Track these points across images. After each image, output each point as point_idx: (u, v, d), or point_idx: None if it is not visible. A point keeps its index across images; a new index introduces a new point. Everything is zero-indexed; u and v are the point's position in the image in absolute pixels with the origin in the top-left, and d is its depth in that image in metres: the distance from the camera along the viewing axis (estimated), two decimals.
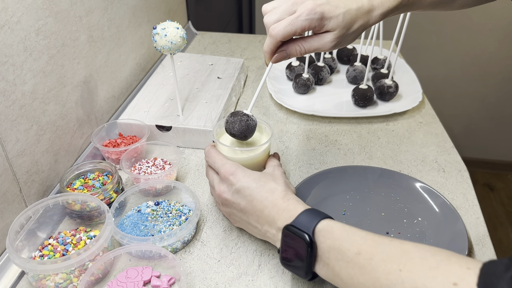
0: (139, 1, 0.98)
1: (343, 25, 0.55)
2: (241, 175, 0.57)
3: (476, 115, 2.21)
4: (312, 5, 0.54)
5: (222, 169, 0.59)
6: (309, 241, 0.49)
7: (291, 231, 0.50)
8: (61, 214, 0.66)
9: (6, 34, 0.58)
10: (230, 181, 0.58)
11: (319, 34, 0.56)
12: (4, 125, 0.59)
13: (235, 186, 0.57)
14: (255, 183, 0.57)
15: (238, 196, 0.57)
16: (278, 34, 0.55)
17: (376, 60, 1.04)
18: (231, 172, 0.58)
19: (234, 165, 0.59)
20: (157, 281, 0.57)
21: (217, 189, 0.60)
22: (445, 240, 0.61)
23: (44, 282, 0.56)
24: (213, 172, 0.62)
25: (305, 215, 0.51)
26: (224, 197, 0.59)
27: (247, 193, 0.56)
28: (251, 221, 0.57)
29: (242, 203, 0.57)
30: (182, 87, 0.92)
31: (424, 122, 0.91)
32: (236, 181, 0.57)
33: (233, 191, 0.57)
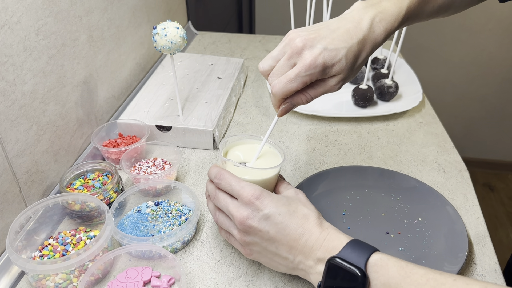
0: (139, 1, 0.98)
1: (347, 67, 0.52)
2: (269, 199, 0.51)
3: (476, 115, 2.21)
4: (311, 58, 0.50)
5: (244, 192, 0.52)
6: (362, 277, 0.44)
7: (338, 265, 0.46)
8: (61, 214, 0.66)
9: (6, 34, 0.58)
10: (256, 205, 0.51)
11: (324, 80, 0.53)
12: (4, 125, 0.59)
13: (263, 212, 0.50)
14: (285, 208, 0.51)
15: (267, 223, 0.50)
16: (278, 93, 0.52)
17: (376, 60, 1.04)
18: (256, 195, 0.51)
19: (257, 188, 0.52)
20: (157, 281, 0.57)
21: (238, 215, 0.51)
22: (445, 240, 0.61)
23: (44, 282, 0.56)
24: (226, 196, 0.54)
25: (352, 247, 0.47)
26: (248, 224, 0.51)
27: (279, 220, 0.50)
28: (280, 251, 0.51)
29: (272, 231, 0.50)
30: (182, 87, 0.92)
31: (424, 122, 0.91)
32: (264, 206, 0.51)
33: (261, 217, 0.50)
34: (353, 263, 0.45)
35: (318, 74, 0.51)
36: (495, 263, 0.60)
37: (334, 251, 0.47)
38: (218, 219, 0.56)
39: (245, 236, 0.52)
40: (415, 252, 0.61)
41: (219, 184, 0.54)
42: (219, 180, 0.54)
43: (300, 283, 0.58)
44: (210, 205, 0.57)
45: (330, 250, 0.48)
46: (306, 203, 0.53)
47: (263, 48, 1.23)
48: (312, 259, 0.49)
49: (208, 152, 0.82)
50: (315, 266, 0.49)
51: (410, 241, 0.62)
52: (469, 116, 2.21)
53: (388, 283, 0.44)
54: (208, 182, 0.58)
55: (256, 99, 0.99)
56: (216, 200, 0.55)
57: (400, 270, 0.44)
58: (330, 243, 0.48)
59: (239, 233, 0.53)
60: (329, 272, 0.47)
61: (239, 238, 0.53)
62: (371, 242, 0.63)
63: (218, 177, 0.55)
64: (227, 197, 0.54)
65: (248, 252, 0.54)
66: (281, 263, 0.52)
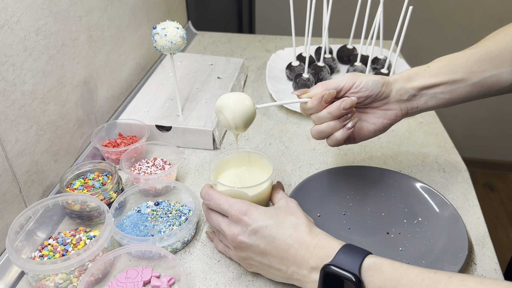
0: (139, 1, 0.98)
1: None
2: (256, 213, 0.52)
3: (476, 115, 2.20)
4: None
5: (232, 210, 0.53)
6: (357, 282, 0.44)
7: (333, 272, 0.46)
8: (61, 214, 0.66)
9: (6, 34, 0.58)
10: (244, 221, 0.52)
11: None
12: (4, 125, 0.59)
13: (252, 226, 0.52)
14: (272, 220, 0.52)
15: (256, 237, 0.52)
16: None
17: (376, 60, 1.04)
18: (243, 211, 0.52)
19: (245, 203, 0.54)
20: (157, 281, 0.57)
21: (229, 232, 0.53)
22: (445, 240, 0.61)
23: (44, 282, 0.56)
24: (217, 215, 0.56)
25: (345, 253, 0.47)
26: (239, 240, 0.53)
27: (267, 233, 0.51)
28: (273, 263, 0.52)
29: (261, 244, 0.51)
30: (182, 87, 0.92)
31: (424, 122, 0.91)
32: (252, 221, 0.52)
33: (250, 232, 0.52)
34: (347, 269, 0.45)
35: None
36: (495, 263, 0.60)
37: (327, 259, 0.48)
38: (219, 237, 0.59)
39: (240, 251, 0.54)
40: (415, 252, 0.61)
41: (209, 204, 0.57)
42: (208, 201, 0.57)
43: None
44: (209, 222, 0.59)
45: (322, 258, 0.48)
46: (296, 212, 0.54)
47: (263, 48, 1.23)
48: (306, 268, 0.49)
49: (208, 152, 0.82)
50: (309, 275, 0.49)
51: (410, 241, 0.62)
52: (469, 116, 2.21)
53: (384, 285, 0.44)
54: (203, 202, 0.59)
55: (256, 99, 0.99)
56: (210, 221, 0.58)
57: (394, 271, 0.45)
58: (321, 250, 0.49)
59: (234, 249, 0.55)
60: (325, 280, 0.47)
61: (235, 254, 0.56)
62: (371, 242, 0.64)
63: (207, 198, 0.57)
64: (219, 216, 0.56)
65: (247, 265, 0.56)
66: (277, 274, 0.53)
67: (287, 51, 1.13)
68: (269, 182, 0.61)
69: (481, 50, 0.62)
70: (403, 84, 0.61)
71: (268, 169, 0.64)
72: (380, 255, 0.60)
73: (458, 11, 1.94)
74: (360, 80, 0.58)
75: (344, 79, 0.59)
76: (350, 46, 1.10)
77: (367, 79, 0.58)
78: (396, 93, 0.60)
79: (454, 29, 1.97)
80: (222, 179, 0.64)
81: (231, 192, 0.59)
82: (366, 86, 0.58)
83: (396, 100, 0.61)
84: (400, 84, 0.60)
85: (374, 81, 0.59)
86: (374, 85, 0.58)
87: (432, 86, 0.61)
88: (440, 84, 0.61)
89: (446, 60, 0.62)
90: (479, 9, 1.91)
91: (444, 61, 0.62)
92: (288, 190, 0.73)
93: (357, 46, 1.12)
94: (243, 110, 0.56)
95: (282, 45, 1.23)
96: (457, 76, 0.61)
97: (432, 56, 0.66)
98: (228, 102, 0.56)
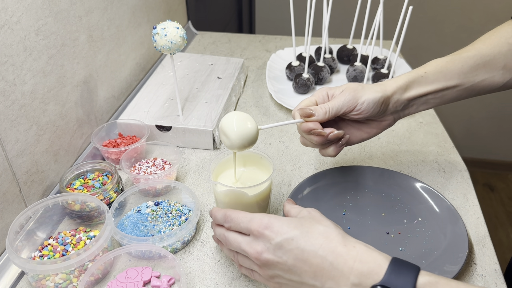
0: (139, 1, 0.98)
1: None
2: (278, 225, 0.47)
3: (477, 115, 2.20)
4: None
5: (252, 226, 0.48)
6: None
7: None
8: (61, 214, 0.66)
9: (6, 34, 0.58)
10: (266, 236, 0.47)
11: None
12: (4, 125, 0.59)
13: (275, 240, 0.46)
14: (298, 230, 0.46)
15: (282, 252, 0.46)
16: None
17: (376, 60, 1.04)
18: (264, 225, 0.47)
19: (264, 216, 0.48)
20: (157, 281, 0.57)
21: (252, 251, 0.48)
22: (445, 240, 0.61)
23: (44, 282, 0.56)
24: (236, 234, 0.50)
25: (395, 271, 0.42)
26: (264, 258, 0.47)
27: (293, 246, 0.46)
28: (305, 279, 0.46)
29: (289, 259, 0.46)
30: (182, 87, 0.92)
31: (424, 122, 0.90)
32: (275, 234, 0.46)
33: (274, 247, 0.46)
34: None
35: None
36: (495, 263, 0.60)
37: (373, 276, 0.42)
38: (238, 261, 0.52)
39: (267, 270, 0.48)
40: (415, 252, 0.61)
41: (230, 227, 0.51)
42: (228, 224, 0.51)
43: None
44: (225, 250, 0.54)
45: (366, 275, 0.43)
46: (321, 220, 0.49)
47: (263, 48, 1.23)
48: (346, 285, 0.43)
49: (208, 152, 0.82)
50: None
51: (410, 241, 0.62)
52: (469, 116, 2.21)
53: None
54: (215, 226, 0.54)
55: (256, 99, 0.99)
56: (229, 244, 0.51)
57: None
58: (364, 265, 0.43)
59: (260, 269, 0.49)
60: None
61: (262, 274, 0.49)
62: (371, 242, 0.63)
63: (226, 220, 0.51)
64: (237, 236, 0.50)
65: (276, 285, 0.49)
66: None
67: (287, 51, 1.13)
68: (269, 182, 0.61)
69: (476, 54, 0.62)
70: (400, 95, 0.61)
71: (268, 169, 0.64)
72: None
73: (458, 11, 1.94)
74: (362, 102, 0.59)
75: (345, 103, 0.59)
76: (350, 46, 1.10)
77: (368, 100, 0.59)
78: (392, 105, 0.61)
79: (454, 29, 1.97)
80: (222, 179, 0.64)
81: (231, 192, 0.59)
82: (367, 109, 0.59)
83: (391, 112, 0.62)
84: (397, 96, 0.61)
85: (375, 102, 0.59)
86: (374, 107, 0.59)
87: (427, 94, 0.62)
88: (435, 92, 0.62)
89: (443, 64, 0.62)
90: (479, 9, 1.91)
91: (441, 66, 0.62)
92: (288, 190, 0.73)
93: (357, 46, 1.12)
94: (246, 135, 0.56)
95: (282, 45, 1.23)
96: (451, 82, 0.62)
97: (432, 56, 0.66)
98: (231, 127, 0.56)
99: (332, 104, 0.59)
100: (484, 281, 0.58)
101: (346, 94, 0.59)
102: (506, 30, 0.64)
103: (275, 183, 0.74)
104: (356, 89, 0.60)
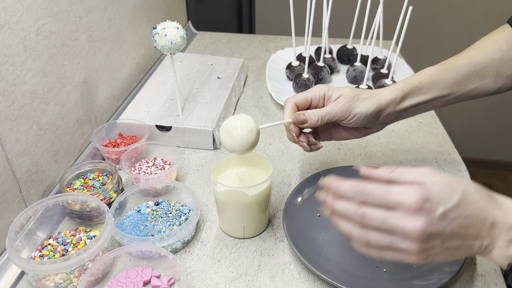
0: (139, 1, 0.98)
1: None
2: (436, 194, 0.44)
3: (476, 115, 2.20)
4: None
5: (405, 199, 0.43)
6: None
7: None
8: (61, 214, 0.66)
9: (6, 34, 0.58)
10: (427, 209, 0.43)
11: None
12: (4, 125, 0.59)
13: (438, 212, 0.43)
14: (456, 196, 0.44)
15: (446, 222, 0.44)
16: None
17: (376, 60, 1.04)
18: (423, 197, 0.43)
19: (416, 188, 0.44)
20: (157, 281, 0.57)
21: (413, 226, 0.43)
22: None
23: (44, 282, 0.56)
24: (379, 210, 0.45)
25: None
26: (429, 232, 0.43)
27: (457, 213, 0.44)
28: (464, 243, 0.45)
29: (454, 228, 0.44)
30: (182, 87, 0.92)
31: (424, 122, 0.91)
32: (436, 205, 0.43)
33: (438, 219, 0.43)
34: None
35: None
36: None
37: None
38: (370, 239, 0.46)
39: (424, 244, 0.45)
40: None
41: (366, 199, 0.46)
42: (364, 196, 0.46)
43: (301, 283, 0.58)
44: (345, 226, 0.48)
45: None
46: (459, 178, 0.47)
47: (263, 48, 1.23)
48: (502, 240, 0.44)
49: (208, 152, 0.82)
50: (506, 248, 0.44)
51: None
52: (469, 116, 2.21)
53: None
54: (339, 201, 0.48)
55: (256, 99, 0.99)
56: (366, 219, 0.46)
57: None
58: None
59: (416, 243, 0.44)
60: None
61: (415, 249, 0.45)
62: None
63: (361, 192, 0.46)
64: (383, 211, 0.45)
65: (422, 258, 0.46)
66: (461, 254, 0.46)
67: (287, 51, 1.13)
68: (269, 182, 0.61)
69: (470, 62, 0.63)
70: (393, 107, 0.62)
71: (268, 169, 0.64)
72: None
73: (458, 11, 1.94)
74: (354, 113, 0.60)
75: (338, 112, 0.60)
76: (350, 46, 1.10)
77: (360, 113, 0.60)
78: (384, 117, 0.62)
79: (454, 29, 1.97)
80: (222, 179, 0.64)
81: (231, 192, 0.59)
82: (357, 120, 0.61)
83: (381, 123, 0.64)
84: (390, 108, 0.62)
85: (367, 115, 0.60)
86: (365, 120, 0.61)
87: (420, 103, 0.63)
88: (427, 101, 0.63)
89: (437, 74, 0.63)
90: (479, 9, 1.91)
91: (435, 75, 0.63)
92: (288, 190, 0.73)
93: (357, 46, 1.12)
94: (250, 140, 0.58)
95: (282, 45, 1.23)
96: (444, 92, 0.63)
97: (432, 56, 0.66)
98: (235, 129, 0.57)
99: (325, 112, 0.60)
100: (484, 281, 0.58)
101: (340, 103, 0.60)
102: (500, 36, 0.64)
103: (275, 183, 0.74)
104: (352, 99, 0.60)
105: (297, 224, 0.64)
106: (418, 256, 0.46)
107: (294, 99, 0.61)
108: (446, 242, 0.45)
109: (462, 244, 0.45)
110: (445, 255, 0.46)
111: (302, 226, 0.64)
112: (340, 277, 0.56)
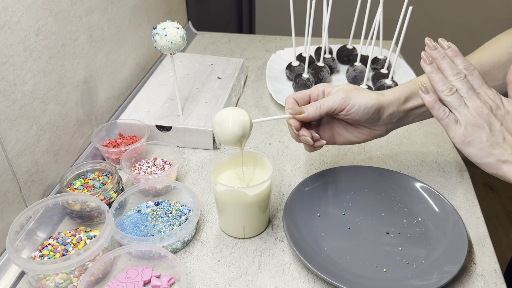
0: (139, 1, 0.98)
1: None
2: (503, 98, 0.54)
3: None
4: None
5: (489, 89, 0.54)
6: None
7: None
8: (61, 214, 0.66)
9: (6, 34, 0.58)
10: (499, 103, 0.54)
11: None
12: (4, 125, 0.59)
13: (506, 108, 0.54)
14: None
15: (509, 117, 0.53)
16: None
17: (376, 60, 1.04)
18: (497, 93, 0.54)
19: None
20: (157, 281, 0.57)
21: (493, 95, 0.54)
22: (445, 240, 0.61)
23: (44, 282, 0.56)
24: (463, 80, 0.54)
25: None
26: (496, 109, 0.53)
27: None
28: (506, 144, 0.55)
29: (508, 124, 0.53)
30: (182, 87, 0.92)
31: (424, 122, 0.91)
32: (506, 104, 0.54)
33: (504, 113, 0.54)
34: None
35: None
36: (495, 263, 0.61)
37: None
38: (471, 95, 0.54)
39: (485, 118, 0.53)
40: (415, 252, 0.61)
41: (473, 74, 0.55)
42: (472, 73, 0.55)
43: (300, 283, 0.58)
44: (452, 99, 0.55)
45: None
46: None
47: (263, 48, 1.23)
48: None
49: (208, 152, 0.82)
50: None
51: (410, 241, 0.62)
52: None
53: None
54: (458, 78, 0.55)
55: (256, 99, 0.99)
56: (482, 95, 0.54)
57: None
58: None
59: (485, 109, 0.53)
60: None
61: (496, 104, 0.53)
62: (371, 242, 0.64)
63: (471, 68, 0.55)
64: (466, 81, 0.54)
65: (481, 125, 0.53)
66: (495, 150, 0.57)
67: (287, 51, 1.13)
68: (269, 182, 0.61)
69: (476, 64, 0.62)
70: (397, 107, 0.61)
71: (268, 169, 0.64)
72: (380, 255, 0.60)
73: (457, 11, 1.94)
74: (352, 104, 0.59)
75: (336, 102, 0.59)
76: (350, 46, 1.10)
77: (359, 103, 0.59)
78: (387, 117, 0.61)
79: (454, 29, 1.97)
80: (222, 179, 0.64)
81: (231, 192, 0.59)
82: (356, 112, 0.59)
83: (384, 123, 0.62)
84: (393, 107, 0.60)
85: (366, 108, 0.59)
86: (364, 112, 0.59)
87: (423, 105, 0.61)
88: None
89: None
90: (479, 9, 1.91)
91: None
92: (288, 190, 0.73)
93: (357, 46, 1.12)
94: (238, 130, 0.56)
95: (282, 45, 1.23)
96: None
97: None
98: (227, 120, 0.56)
99: (324, 101, 0.59)
100: (484, 281, 0.58)
101: (340, 93, 0.59)
102: (505, 39, 0.64)
103: (275, 183, 0.74)
104: (351, 91, 0.59)
105: (297, 224, 0.64)
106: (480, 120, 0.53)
107: (294, 95, 0.61)
108: (495, 132, 0.53)
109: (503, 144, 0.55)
110: (484, 144, 0.55)
111: (302, 226, 0.64)
112: (340, 277, 0.56)
